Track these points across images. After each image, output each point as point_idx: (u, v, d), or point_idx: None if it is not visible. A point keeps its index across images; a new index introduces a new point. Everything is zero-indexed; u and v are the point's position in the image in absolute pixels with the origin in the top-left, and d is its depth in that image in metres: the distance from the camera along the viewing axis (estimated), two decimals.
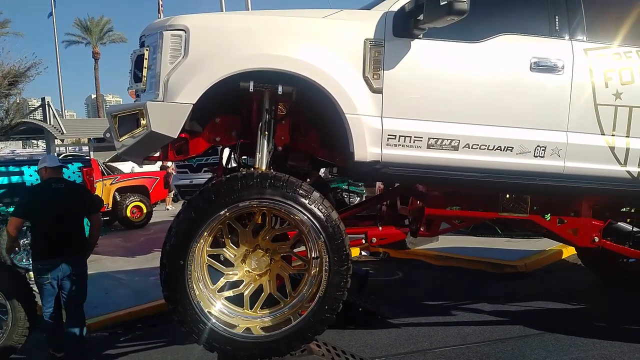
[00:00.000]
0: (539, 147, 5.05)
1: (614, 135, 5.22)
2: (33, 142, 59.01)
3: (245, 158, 5.72)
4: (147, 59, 4.58)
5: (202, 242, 4.61)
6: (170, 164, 16.88)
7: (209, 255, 4.79)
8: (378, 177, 5.96)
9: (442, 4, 4.14)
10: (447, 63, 4.91)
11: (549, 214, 5.86)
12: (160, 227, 15.48)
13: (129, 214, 16.63)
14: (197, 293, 4.59)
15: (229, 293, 4.90)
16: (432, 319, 7.11)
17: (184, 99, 4.38)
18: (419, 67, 4.83)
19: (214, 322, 4.60)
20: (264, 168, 4.78)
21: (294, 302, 4.89)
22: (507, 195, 5.61)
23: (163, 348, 6.94)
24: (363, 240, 5.59)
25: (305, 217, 4.55)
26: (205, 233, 4.58)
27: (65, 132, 29.50)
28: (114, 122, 4.58)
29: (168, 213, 19.12)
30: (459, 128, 4.88)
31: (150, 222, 17.22)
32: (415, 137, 4.79)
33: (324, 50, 4.64)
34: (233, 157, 5.84)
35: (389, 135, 4.74)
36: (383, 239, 5.73)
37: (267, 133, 4.84)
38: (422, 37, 4.75)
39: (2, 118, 28.88)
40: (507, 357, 5.73)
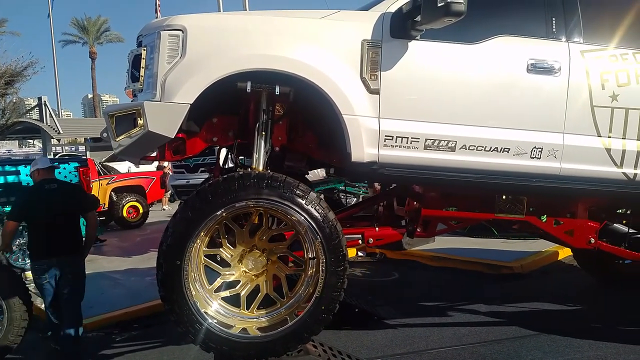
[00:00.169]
0: (536, 148, 5.06)
1: (610, 137, 5.24)
2: (29, 141, 58.84)
3: (243, 158, 5.71)
4: (144, 59, 4.58)
5: (198, 242, 4.60)
6: (167, 164, 16.84)
7: (206, 256, 4.79)
8: (375, 177, 5.99)
9: (439, 6, 4.14)
10: (444, 64, 4.92)
11: (545, 215, 5.88)
12: (157, 227, 15.44)
13: (125, 214, 16.58)
14: (193, 293, 4.59)
15: (226, 293, 4.90)
16: (428, 320, 7.12)
17: (182, 99, 4.37)
18: (416, 68, 4.83)
19: (211, 322, 4.60)
20: (261, 168, 4.78)
21: (291, 302, 4.89)
22: (503, 197, 5.63)
23: (159, 348, 6.93)
24: (360, 241, 5.59)
25: (302, 217, 4.55)
26: (202, 233, 4.58)
27: (62, 131, 29.44)
28: (111, 121, 4.57)
29: (164, 213, 19.09)
30: (456, 129, 4.89)
31: (147, 222, 17.18)
32: (413, 138, 4.80)
33: (322, 51, 4.64)
34: (230, 157, 5.83)
35: (386, 136, 4.74)
36: (380, 240, 5.74)
37: (264, 133, 4.84)
38: (419, 38, 4.75)
39: None
40: (503, 357, 5.74)
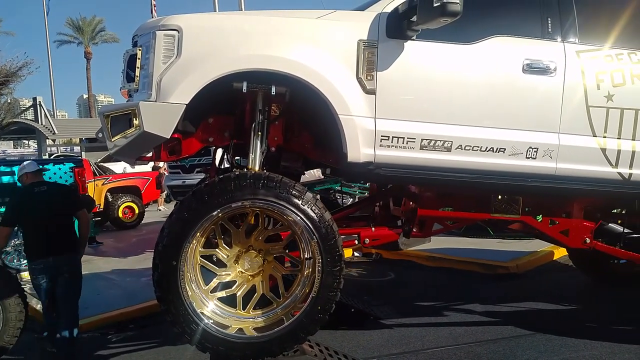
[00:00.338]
0: (531, 148, 5.07)
1: (606, 137, 5.25)
2: (24, 142, 58.80)
3: (239, 158, 5.70)
4: (139, 59, 4.57)
5: (194, 242, 4.60)
6: (163, 165, 16.81)
7: (202, 256, 4.78)
8: (371, 178, 5.98)
9: (435, 6, 4.14)
10: (440, 64, 4.92)
11: (541, 215, 5.89)
12: (153, 227, 15.43)
13: (121, 215, 16.56)
14: (189, 294, 4.58)
15: (222, 294, 4.89)
16: (424, 320, 7.13)
17: (177, 99, 4.37)
18: (412, 68, 4.84)
19: (207, 322, 4.59)
20: (257, 169, 4.78)
21: (287, 302, 4.89)
22: (499, 197, 5.64)
23: (155, 349, 6.92)
24: (356, 241, 5.60)
25: (299, 217, 4.55)
26: (198, 234, 4.57)
27: (57, 132, 29.41)
28: (107, 122, 4.57)
29: (160, 214, 19.05)
30: (452, 129, 4.89)
31: (142, 222, 17.14)
32: (409, 138, 4.80)
33: (318, 51, 4.64)
34: (226, 157, 5.82)
35: (382, 136, 4.74)
36: (376, 240, 5.75)
37: (260, 133, 4.84)
38: (415, 38, 4.76)
39: None
40: (498, 357, 5.75)
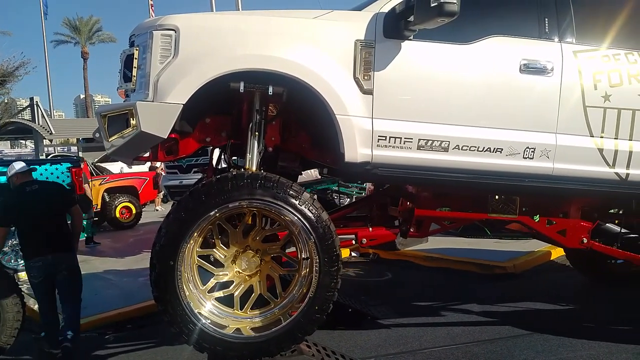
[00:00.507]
0: (528, 148, 5.07)
1: (603, 137, 5.26)
2: (21, 142, 58.70)
3: (236, 159, 5.71)
4: (136, 59, 4.57)
5: (192, 242, 4.60)
6: (160, 165, 16.80)
7: (199, 256, 4.78)
8: (368, 178, 6.00)
9: (432, 6, 4.15)
10: (437, 64, 4.93)
11: (538, 215, 5.89)
12: (150, 227, 15.41)
13: (118, 215, 16.54)
14: (187, 294, 4.58)
15: (219, 294, 4.89)
16: (421, 320, 7.12)
17: (174, 99, 4.37)
18: (410, 68, 4.84)
19: (204, 322, 4.59)
20: (255, 169, 4.78)
21: (284, 302, 4.89)
22: (496, 197, 5.64)
23: (153, 349, 6.91)
24: (353, 241, 5.61)
25: (296, 217, 4.55)
26: (195, 234, 4.57)
27: (54, 132, 29.40)
28: (104, 122, 4.56)
29: (157, 214, 19.04)
30: (449, 129, 4.90)
31: (140, 222, 17.12)
32: (406, 138, 4.80)
33: (315, 51, 4.64)
34: (223, 157, 5.82)
35: (380, 136, 4.74)
36: (373, 240, 5.75)
37: (257, 134, 4.84)
38: (412, 38, 4.76)
39: None
40: (496, 357, 5.74)
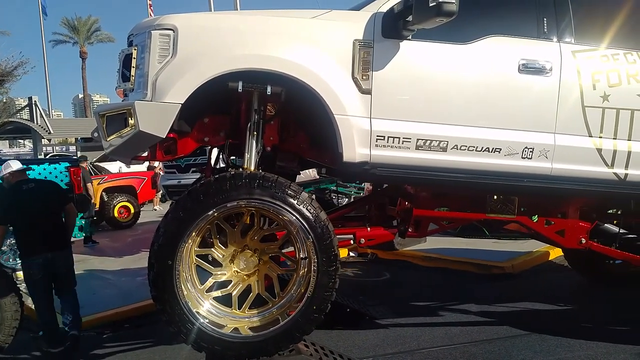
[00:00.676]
0: (527, 148, 5.07)
1: (601, 137, 5.25)
2: (20, 141, 58.71)
3: (234, 158, 5.70)
4: (135, 59, 4.56)
5: (190, 242, 4.59)
6: (158, 164, 16.80)
7: (197, 256, 4.78)
8: (367, 177, 5.99)
9: (431, 5, 4.15)
10: (435, 64, 4.93)
11: (537, 216, 5.89)
12: (148, 227, 15.40)
13: (117, 214, 16.55)
14: (185, 293, 4.58)
15: (217, 293, 4.89)
16: (419, 320, 7.13)
17: (173, 99, 4.36)
18: (408, 68, 4.84)
19: (202, 322, 4.59)
20: (253, 168, 4.78)
21: (282, 302, 4.89)
22: (494, 197, 5.64)
23: (151, 348, 6.91)
24: (351, 241, 5.60)
25: (294, 217, 4.55)
26: (194, 233, 4.57)
27: (53, 131, 29.42)
28: (102, 121, 4.56)
29: (156, 213, 19.03)
30: (448, 129, 4.89)
31: (138, 222, 17.12)
32: (404, 138, 4.80)
33: (313, 51, 4.64)
34: (221, 157, 5.82)
35: (378, 136, 4.74)
36: (371, 240, 5.74)
37: (255, 133, 4.83)
38: (411, 38, 4.76)
39: None
40: (493, 357, 5.75)
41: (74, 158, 15.78)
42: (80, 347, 6.72)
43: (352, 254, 11.09)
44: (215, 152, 6.03)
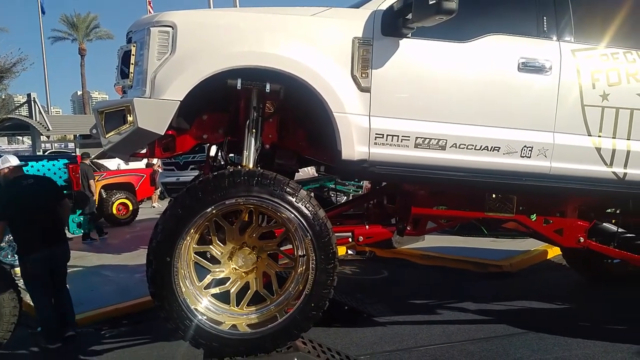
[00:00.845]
0: (526, 147, 5.07)
1: (601, 136, 5.25)
2: (19, 138, 58.72)
3: (233, 156, 5.70)
4: (134, 55, 4.55)
5: (188, 239, 4.58)
6: (157, 161, 16.80)
7: (196, 253, 4.77)
8: (365, 176, 5.99)
9: (430, 3, 4.13)
10: (435, 62, 4.92)
11: (535, 214, 5.89)
12: (147, 224, 15.43)
13: (115, 211, 16.57)
14: (183, 290, 4.57)
15: (216, 290, 4.88)
16: (417, 318, 7.13)
17: (171, 96, 4.36)
18: (407, 66, 4.83)
19: (200, 318, 4.58)
20: (251, 166, 4.77)
21: (280, 299, 4.88)
22: (493, 195, 5.64)
23: (149, 344, 6.93)
24: (350, 239, 5.59)
25: (292, 215, 4.54)
26: (192, 230, 4.55)
27: (51, 128, 29.43)
28: (101, 118, 4.55)
29: (154, 210, 19.05)
30: (447, 128, 4.89)
31: (137, 219, 17.15)
32: (403, 136, 4.80)
33: (312, 48, 4.63)
34: (220, 154, 5.81)
35: (377, 134, 4.74)
36: (369, 238, 5.74)
37: (254, 131, 4.82)
38: (410, 36, 4.75)
39: None
40: (491, 355, 5.76)
41: (73, 155, 15.75)
42: (79, 343, 6.73)
43: (350, 252, 11.11)
44: (214, 149, 6.03)
